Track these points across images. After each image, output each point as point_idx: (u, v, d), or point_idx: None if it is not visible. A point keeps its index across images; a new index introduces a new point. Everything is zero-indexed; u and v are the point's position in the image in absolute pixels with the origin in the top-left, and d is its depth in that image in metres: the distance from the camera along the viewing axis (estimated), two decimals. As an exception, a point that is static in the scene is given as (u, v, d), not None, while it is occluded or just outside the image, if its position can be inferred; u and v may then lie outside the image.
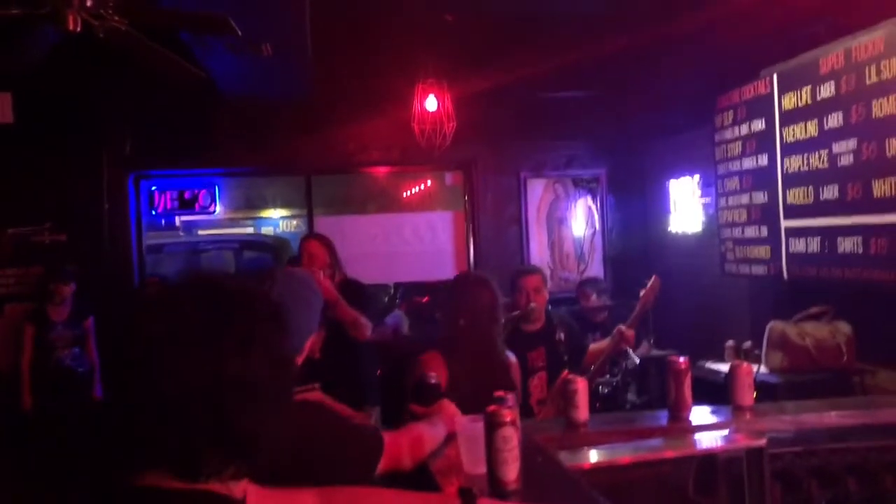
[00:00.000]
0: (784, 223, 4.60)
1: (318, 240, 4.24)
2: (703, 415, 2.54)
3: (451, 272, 7.04)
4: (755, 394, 2.62)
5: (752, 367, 2.67)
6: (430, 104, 5.78)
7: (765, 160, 4.76)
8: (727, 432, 2.33)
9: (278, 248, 8.83)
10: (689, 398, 2.47)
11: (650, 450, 2.21)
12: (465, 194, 7.10)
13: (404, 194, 7.98)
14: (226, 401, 1.02)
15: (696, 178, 6.00)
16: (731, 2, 4.76)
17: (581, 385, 2.47)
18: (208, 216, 7.60)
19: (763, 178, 4.79)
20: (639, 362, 4.30)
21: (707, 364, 4.69)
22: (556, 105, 6.80)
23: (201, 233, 9.94)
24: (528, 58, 6.12)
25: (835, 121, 4.09)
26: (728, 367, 2.75)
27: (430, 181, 7.83)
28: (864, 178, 3.88)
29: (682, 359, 2.50)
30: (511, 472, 1.77)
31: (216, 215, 7.59)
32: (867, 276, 3.87)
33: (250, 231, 10.43)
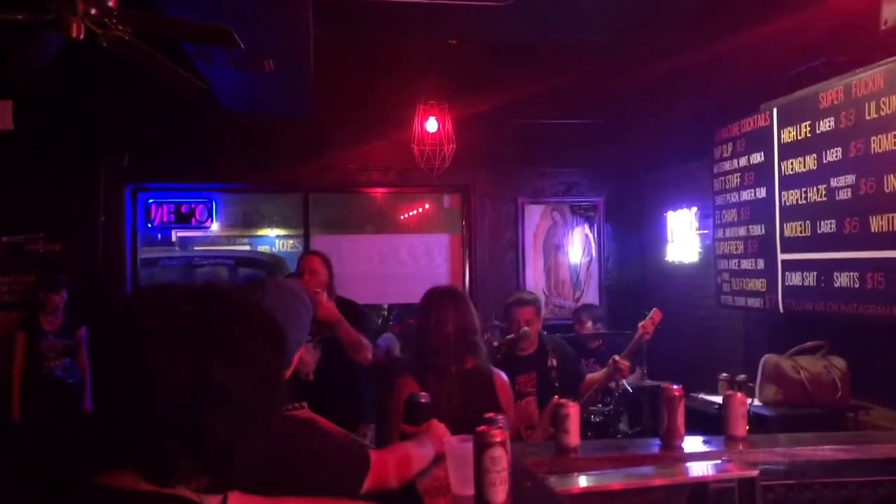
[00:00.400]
0: (781, 256, 4.59)
1: (320, 256, 4.16)
2: (695, 444, 2.50)
3: (446, 295, 7.01)
4: (748, 426, 2.59)
5: (746, 399, 2.64)
6: (431, 126, 5.80)
7: (763, 193, 4.77)
8: (719, 462, 2.29)
9: (274, 266, 8.79)
10: (681, 427, 2.44)
11: (641, 477, 2.18)
12: (463, 218, 7.10)
13: (402, 216, 7.97)
14: (206, 408, 1.00)
15: (694, 209, 6.01)
16: (734, 38, 4.81)
17: (573, 410, 2.43)
18: (204, 231, 7.57)
19: (761, 211, 4.79)
20: (631, 391, 4.28)
21: (700, 395, 4.65)
22: (556, 132, 6.84)
23: (197, 248, 9.91)
24: (529, 84, 6.16)
25: (833, 155, 4.10)
26: (721, 398, 2.72)
27: (428, 204, 7.82)
28: (861, 214, 3.87)
29: (675, 386, 2.47)
30: (499, 494, 1.74)
31: (212, 231, 7.56)
32: (863, 311, 3.85)
33: (246, 249, 10.40)
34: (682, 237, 6.18)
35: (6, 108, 5.62)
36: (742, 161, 5.01)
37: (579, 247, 7.07)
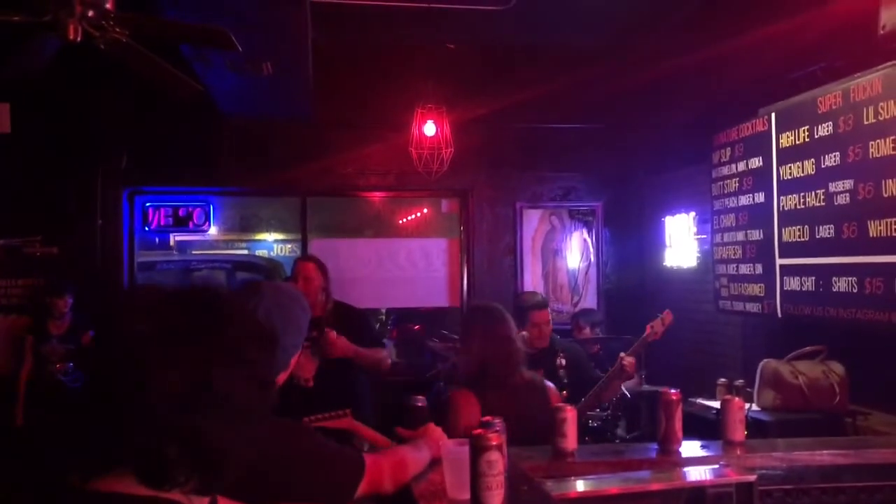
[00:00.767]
0: (779, 261, 4.58)
1: (314, 262, 4.05)
2: (693, 449, 2.50)
3: (444, 300, 7.01)
4: (746, 431, 2.58)
5: (744, 403, 2.63)
6: (429, 129, 5.79)
7: (761, 197, 4.76)
8: (717, 466, 2.28)
9: (271, 270, 8.78)
10: (679, 431, 2.43)
11: (638, 481, 2.16)
12: (461, 222, 7.08)
13: (400, 220, 7.97)
14: (201, 410, 1.00)
15: (693, 214, 6.00)
16: (732, 43, 4.82)
17: (570, 414, 2.43)
18: (202, 235, 7.55)
19: (759, 216, 4.78)
20: (629, 396, 4.27)
21: (699, 400, 4.64)
22: (555, 136, 6.84)
23: (195, 252, 9.89)
24: (527, 88, 6.17)
25: (832, 160, 4.09)
26: (720, 403, 2.71)
27: (426, 208, 7.82)
28: (859, 218, 3.87)
29: (673, 391, 2.47)
30: (495, 498, 1.72)
31: (210, 235, 7.55)
32: (861, 316, 3.85)
33: (244, 253, 10.39)
34: (681, 242, 6.18)
35: (3, 110, 5.61)
36: (740, 166, 5.01)
37: (578, 251, 7.06)
